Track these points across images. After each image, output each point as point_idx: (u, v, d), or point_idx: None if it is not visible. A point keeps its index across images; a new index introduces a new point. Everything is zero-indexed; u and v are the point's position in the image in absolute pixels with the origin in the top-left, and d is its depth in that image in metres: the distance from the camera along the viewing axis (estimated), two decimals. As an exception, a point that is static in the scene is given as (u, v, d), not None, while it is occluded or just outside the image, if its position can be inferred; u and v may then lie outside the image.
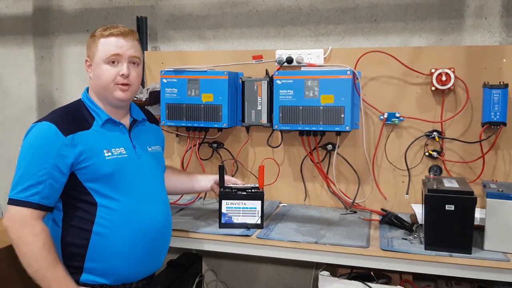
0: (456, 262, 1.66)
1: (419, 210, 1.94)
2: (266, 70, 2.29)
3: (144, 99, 2.34)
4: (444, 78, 2.09)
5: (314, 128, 2.09)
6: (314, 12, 2.44)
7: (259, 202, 1.93)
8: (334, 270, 2.10)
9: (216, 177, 1.96)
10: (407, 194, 2.19)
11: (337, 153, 2.28)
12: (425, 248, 1.72)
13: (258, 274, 2.72)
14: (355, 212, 2.22)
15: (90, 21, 2.81)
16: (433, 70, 2.10)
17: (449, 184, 1.76)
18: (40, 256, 1.46)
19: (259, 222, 1.93)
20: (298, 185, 2.38)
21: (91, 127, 1.58)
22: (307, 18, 2.45)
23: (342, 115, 2.05)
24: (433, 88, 2.11)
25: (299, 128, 2.12)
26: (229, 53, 2.43)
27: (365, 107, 2.22)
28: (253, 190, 1.93)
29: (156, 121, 1.90)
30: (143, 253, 1.61)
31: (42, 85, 2.97)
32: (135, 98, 2.35)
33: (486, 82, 2.04)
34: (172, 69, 2.26)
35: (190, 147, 2.43)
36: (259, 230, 1.92)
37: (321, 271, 1.94)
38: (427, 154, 2.19)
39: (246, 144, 2.42)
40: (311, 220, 2.10)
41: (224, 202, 1.92)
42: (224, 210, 1.93)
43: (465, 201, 1.67)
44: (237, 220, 1.93)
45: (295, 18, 2.47)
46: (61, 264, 1.50)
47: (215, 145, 2.45)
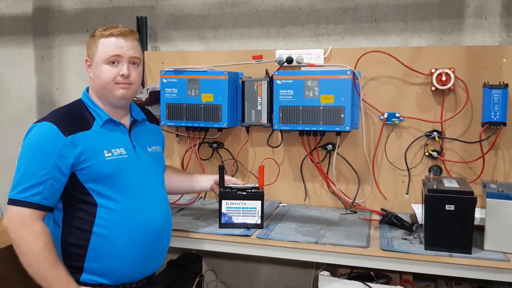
0: (456, 262, 1.66)
1: (419, 210, 1.94)
2: (266, 70, 2.29)
3: (144, 99, 2.34)
4: (444, 78, 2.09)
5: (314, 128, 2.09)
6: (314, 12, 2.44)
7: (259, 202, 1.93)
8: (334, 270, 2.10)
9: (216, 177, 1.96)
10: (407, 194, 2.19)
11: (337, 153, 2.28)
12: (425, 248, 1.72)
13: (258, 274, 2.72)
14: (355, 212, 2.22)
15: (90, 21, 2.81)
16: (433, 70, 2.10)
17: (449, 184, 1.76)
18: (41, 256, 1.46)
19: (259, 222, 1.93)
20: (298, 185, 2.38)
21: (92, 127, 1.58)
22: (307, 18, 2.45)
23: (342, 115, 2.05)
24: (433, 88, 2.11)
25: (299, 128, 2.12)
26: (229, 53, 2.43)
27: (365, 107, 2.22)
28: (253, 190, 1.93)
29: (157, 121, 1.90)
30: (143, 254, 1.61)
31: (42, 85, 2.97)
32: (135, 98, 2.36)
33: (486, 82, 2.04)
34: (172, 69, 2.26)
35: (190, 147, 2.43)
36: (259, 230, 1.92)
37: (321, 271, 1.94)
38: (427, 154, 2.18)
39: (246, 144, 2.42)
40: (311, 220, 2.10)
41: (224, 202, 1.92)
42: (224, 210, 1.93)
43: (465, 201, 1.67)
44: (237, 220, 1.93)
45: (295, 18, 2.47)
46: (62, 264, 1.50)
47: (215, 145, 2.45)
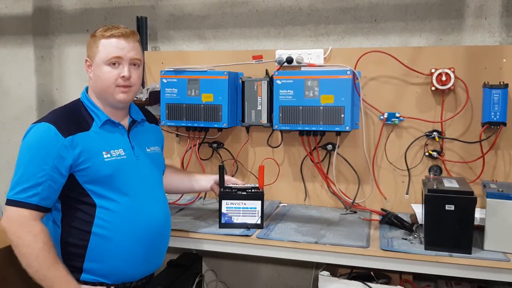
0: (456, 262, 1.66)
1: (419, 210, 1.94)
2: (266, 70, 2.29)
3: (144, 99, 2.34)
4: (444, 78, 2.09)
5: (314, 128, 2.09)
6: (314, 12, 2.44)
7: (259, 202, 1.93)
8: (334, 270, 2.09)
9: (216, 177, 1.96)
10: (407, 194, 2.19)
11: (337, 153, 2.28)
12: (425, 248, 1.72)
13: (258, 274, 2.72)
14: (355, 212, 2.22)
15: (90, 21, 2.81)
16: (433, 70, 2.10)
17: (449, 184, 1.76)
18: (41, 256, 1.46)
19: (259, 222, 1.93)
20: (298, 185, 2.38)
21: (90, 128, 1.57)
22: (307, 18, 2.45)
23: (342, 115, 2.05)
24: (433, 88, 2.11)
25: (299, 128, 2.12)
26: (229, 53, 2.43)
27: (365, 107, 2.22)
28: (253, 190, 1.93)
29: (156, 121, 1.90)
30: (143, 254, 1.61)
31: (42, 85, 2.97)
32: (135, 98, 2.35)
33: (486, 82, 2.04)
34: (172, 69, 2.26)
35: (190, 147, 2.43)
36: (259, 230, 1.91)
37: (321, 271, 1.94)
38: (427, 154, 2.18)
39: (246, 144, 2.42)
40: (311, 220, 2.10)
41: (224, 202, 1.92)
42: (224, 210, 1.93)
43: (465, 201, 1.66)
44: (237, 220, 1.93)
45: (295, 18, 2.47)
46: (62, 263, 1.50)
47: (215, 145, 2.45)
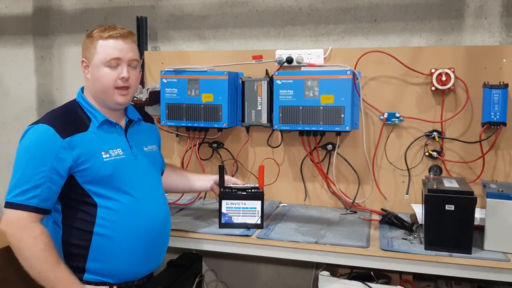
0: (456, 262, 1.66)
1: (419, 210, 1.94)
2: (266, 70, 2.29)
3: (144, 99, 2.34)
4: (444, 78, 2.09)
5: (314, 128, 2.09)
6: (314, 12, 2.44)
7: (259, 202, 1.93)
8: (334, 270, 2.09)
9: (216, 177, 1.96)
10: (407, 194, 2.19)
11: (337, 153, 2.28)
12: (425, 248, 1.72)
13: (258, 274, 2.72)
14: (355, 212, 2.22)
15: (90, 21, 2.81)
16: (433, 70, 2.10)
17: (449, 184, 1.76)
18: (42, 258, 1.45)
19: (259, 222, 1.93)
20: (298, 185, 2.38)
21: (88, 129, 1.57)
22: (307, 18, 2.45)
23: (342, 115, 2.05)
24: (433, 88, 2.11)
25: (299, 128, 2.12)
26: (229, 53, 2.43)
27: (365, 107, 2.22)
28: (253, 190, 1.93)
29: (152, 120, 1.90)
30: (145, 252, 1.61)
31: (42, 85, 2.97)
32: (135, 98, 2.36)
33: (486, 82, 2.04)
34: (172, 69, 2.26)
35: (190, 147, 2.43)
36: (259, 230, 1.91)
37: (321, 271, 1.94)
38: (427, 154, 2.18)
39: (246, 144, 2.42)
40: (311, 220, 2.09)
41: (224, 202, 1.92)
42: (224, 210, 1.93)
43: (465, 201, 1.66)
44: (237, 220, 1.93)
45: (295, 18, 2.47)
46: (64, 264, 1.49)
47: (215, 145, 2.45)
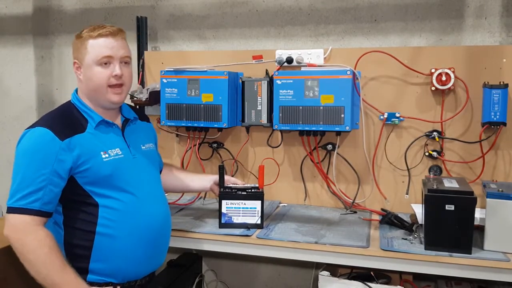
0: (456, 262, 1.66)
1: (419, 210, 1.94)
2: (266, 70, 2.29)
3: (144, 99, 2.34)
4: (444, 78, 2.08)
5: (314, 128, 2.09)
6: (314, 12, 2.44)
7: (259, 202, 1.93)
8: (334, 270, 2.09)
9: (216, 177, 1.96)
10: (407, 194, 2.19)
11: (337, 153, 2.28)
12: (425, 248, 1.72)
13: (258, 274, 2.72)
14: (355, 212, 2.22)
15: (90, 21, 2.80)
16: (433, 70, 2.10)
17: (449, 184, 1.76)
18: (48, 261, 1.44)
19: (259, 222, 1.93)
20: (298, 185, 2.38)
21: (86, 130, 1.57)
22: (307, 18, 2.45)
23: (342, 115, 2.05)
24: (433, 88, 2.11)
25: (299, 128, 2.12)
26: (229, 53, 2.43)
27: (365, 107, 2.22)
28: (253, 190, 1.93)
29: (147, 119, 1.90)
30: (147, 251, 1.61)
31: (42, 85, 2.97)
32: (135, 98, 2.36)
33: (486, 82, 2.04)
34: (172, 69, 2.26)
35: (190, 147, 2.43)
36: (259, 230, 1.91)
37: (321, 271, 1.94)
38: (427, 154, 2.18)
39: (246, 144, 2.42)
40: (311, 220, 2.09)
41: (224, 202, 1.92)
42: (224, 210, 1.93)
43: (465, 201, 1.66)
44: (237, 220, 1.93)
45: (295, 18, 2.47)
46: (70, 267, 1.48)
47: (215, 145, 2.45)
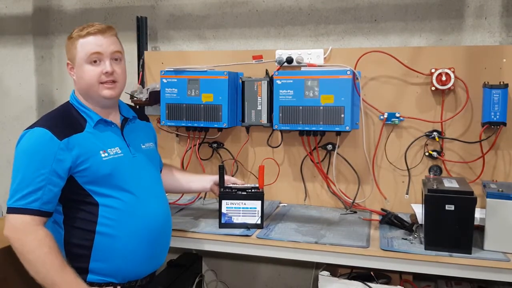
0: (456, 262, 1.66)
1: (419, 210, 1.94)
2: (266, 70, 2.29)
3: (144, 99, 2.34)
4: (444, 78, 2.09)
5: (314, 128, 2.09)
6: (314, 12, 2.44)
7: (259, 202, 1.93)
8: (334, 270, 2.09)
9: (215, 178, 1.96)
10: (407, 194, 2.19)
11: (337, 153, 2.28)
12: (425, 248, 1.72)
13: (258, 274, 2.72)
14: (355, 212, 2.22)
15: (90, 21, 2.71)
16: (433, 70, 2.10)
17: (449, 184, 1.76)
18: (48, 261, 1.44)
19: (259, 222, 1.93)
20: (298, 185, 2.38)
21: (84, 129, 1.57)
22: (307, 18, 2.45)
23: (342, 115, 2.05)
24: (433, 88, 2.11)
25: (299, 128, 2.12)
26: (229, 53, 2.43)
27: (365, 107, 2.22)
28: (253, 190, 1.93)
29: (147, 118, 1.90)
30: (148, 250, 1.61)
31: (42, 85, 2.97)
32: (135, 98, 2.36)
33: (486, 82, 2.04)
34: (172, 69, 2.26)
35: (190, 147, 2.43)
36: (259, 230, 1.91)
37: (321, 271, 1.94)
38: (427, 154, 2.18)
39: (246, 144, 2.42)
40: (311, 220, 2.09)
41: (224, 202, 1.92)
42: (224, 210, 1.93)
43: (465, 201, 1.66)
44: (237, 220, 1.93)
45: (295, 18, 2.47)
46: (70, 267, 1.48)
47: (215, 145, 2.45)
